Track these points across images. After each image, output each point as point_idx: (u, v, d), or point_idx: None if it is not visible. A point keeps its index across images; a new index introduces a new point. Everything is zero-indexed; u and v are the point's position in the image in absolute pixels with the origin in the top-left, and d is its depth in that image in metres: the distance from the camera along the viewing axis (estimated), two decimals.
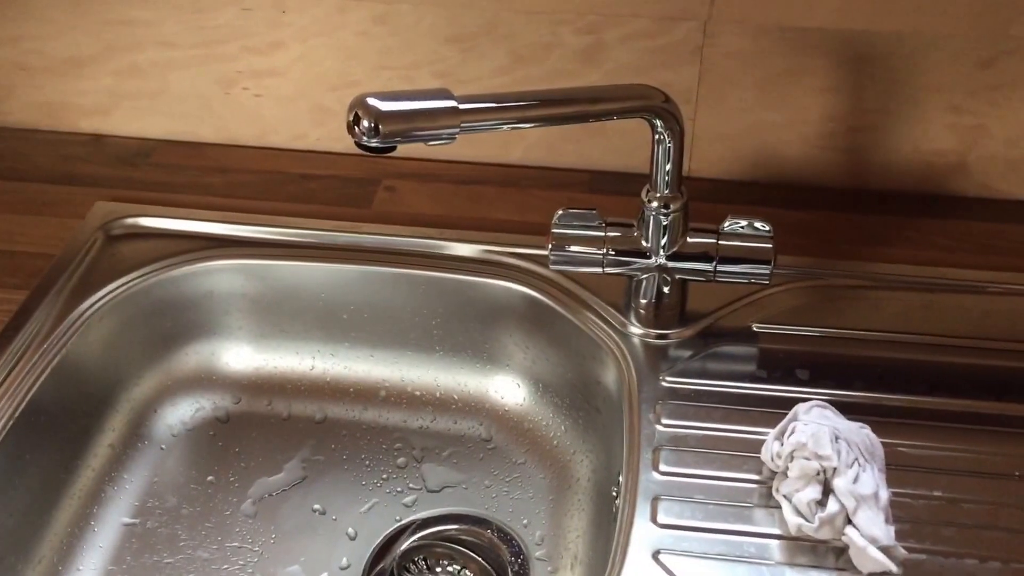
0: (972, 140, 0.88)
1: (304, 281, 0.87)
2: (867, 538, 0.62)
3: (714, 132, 0.91)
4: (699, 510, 0.67)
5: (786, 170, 0.92)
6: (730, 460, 0.70)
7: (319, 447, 0.86)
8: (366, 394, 0.89)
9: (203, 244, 0.87)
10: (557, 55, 0.88)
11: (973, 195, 0.91)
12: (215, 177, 0.94)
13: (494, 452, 0.86)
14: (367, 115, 0.64)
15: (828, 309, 0.81)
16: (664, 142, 0.72)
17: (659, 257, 0.76)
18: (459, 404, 0.88)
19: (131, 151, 0.98)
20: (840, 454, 0.64)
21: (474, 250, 0.86)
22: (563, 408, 0.85)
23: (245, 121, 0.96)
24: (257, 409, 0.89)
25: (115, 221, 0.89)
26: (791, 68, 0.86)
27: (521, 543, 0.80)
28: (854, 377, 0.76)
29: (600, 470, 0.80)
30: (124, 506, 0.82)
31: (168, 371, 0.88)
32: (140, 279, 0.85)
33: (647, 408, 0.74)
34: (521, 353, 0.86)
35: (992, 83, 0.84)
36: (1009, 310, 0.81)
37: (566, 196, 0.92)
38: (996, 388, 0.75)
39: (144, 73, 0.94)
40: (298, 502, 0.82)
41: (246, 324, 0.89)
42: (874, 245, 0.86)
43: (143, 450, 0.85)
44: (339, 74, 0.92)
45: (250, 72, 0.93)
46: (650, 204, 0.75)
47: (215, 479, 0.84)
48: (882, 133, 0.88)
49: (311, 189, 0.93)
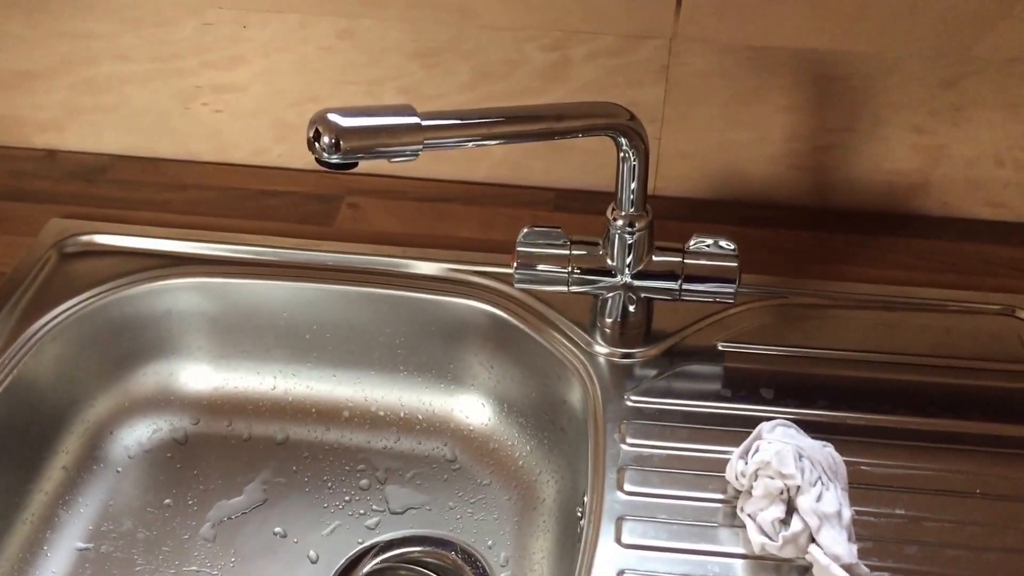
0: (934, 160, 0.89)
1: (265, 300, 0.85)
2: (830, 556, 0.62)
3: (680, 150, 0.91)
4: (663, 530, 0.67)
5: (751, 189, 0.92)
6: (695, 480, 0.70)
7: (280, 469, 0.85)
8: (329, 414, 0.87)
9: (161, 262, 0.86)
10: (522, 72, 0.88)
11: (935, 214, 0.92)
12: (173, 194, 0.93)
13: (459, 473, 0.85)
14: (328, 131, 0.63)
15: (792, 328, 0.81)
16: (629, 160, 0.72)
17: (624, 276, 0.76)
18: (423, 424, 0.87)
19: (87, 167, 0.96)
20: (804, 472, 0.64)
21: (438, 268, 0.85)
22: (528, 428, 0.84)
23: (204, 137, 0.95)
24: (217, 430, 0.87)
25: (70, 238, 0.87)
26: (756, 87, 0.86)
27: (485, 565, 0.79)
28: (818, 396, 0.76)
29: (565, 490, 0.80)
30: (78, 530, 0.80)
31: (125, 392, 0.86)
32: (96, 298, 0.83)
33: (612, 428, 0.73)
34: (486, 372, 0.85)
35: (954, 103, 0.85)
36: (971, 328, 0.82)
37: (531, 214, 0.91)
38: (958, 406, 0.75)
39: (101, 87, 0.93)
40: (258, 525, 0.81)
41: (206, 343, 0.87)
42: (838, 264, 0.87)
43: (98, 473, 0.83)
44: (301, 89, 0.91)
45: (210, 87, 0.92)
46: (615, 222, 0.74)
47: (173, 502, 0.82)
48: (845, 152, 0.89)
49: (272, 206, 0.92)
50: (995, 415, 0.75)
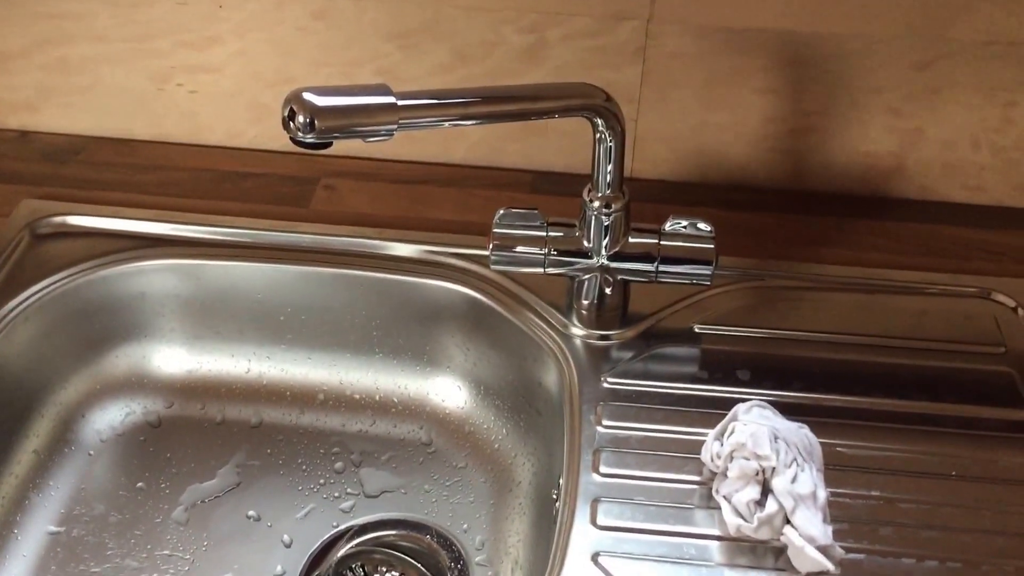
0: (910, 143, 0.89)
1: (239, 282, 0.85)
2: (805, 538, 0.62)
3: (657, 133, 0.90)
4: (639, 512, 0.67)
5: (728, 171, 0.92)
6: (671, 461, 0.70)
7: (254, 452, 0.84)
8: (303, 398, 0.87)
9: (134, 243, 0.85)
10: (499, 54, 0.87)
11: (912, 197, 0.92)
12: (147, 175, 0.92)
13: (434, 456, 0.84)
14: (303, 110, 0.62)
15: (769, 310, 0.81)
16: (605, 141, 0.72)
17: (601, 257, 0.76)
18: (399, 407, 0.86)
19: (60, 148, 0.95)
20: (779, 454, 0.64)
21: (414, 250, 0.85)
22: (504, 411, 0.84)
23: (179, 118, 0.94)
24: (190, 413, 0.86)
25: (42, 220, 0.86)
26: (733, 69, 0.86)
27: (461, 548, 0.78)
28: (794, 378, 0.76)
29: (541, 473, 0.79)
30: (49, 514, 0.79)
31: (97, 374, 0.86)
32: (68, 279, 0.82)
33: (588, 410, 0.73)
34: (462, 355, 0.85)
35: (930, 86, 0.85)
36: (946, 310, 0.82)
37: (508, 196, 0.91)
38: (933, 388, 0.75)
39: (74, 68, 0.92)
40: (232, 508, 0.80)
41: (179, 326, 0.87)
42: (814, 246, 0.87)
43: (70, 456, 0.82)
44: (277, 70, 0.90)
45: (185, 68, 0.91)
46: (591, 204, 0.74)
47: (145, 485, 0.81)
48: (822, 135, 0.89)
49: (247, 188, 0.91)
50: (971, 397, 0.75)
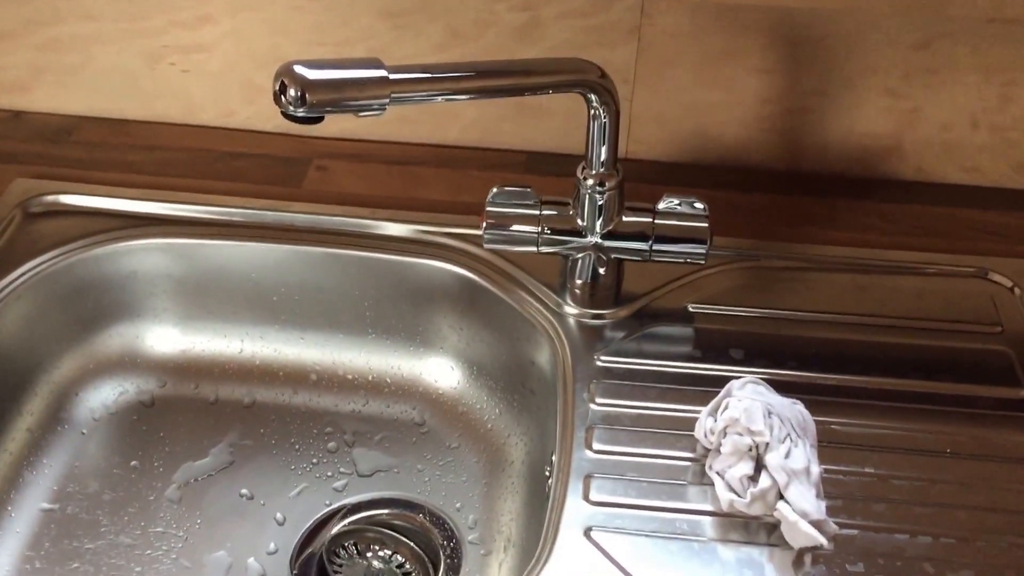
0: (907, 123, 0.88)
1: (232, 261, 0.84)
2: (798, 513, 0.62)
3: (652, 113, 0.90)
4: (632, 488, 0.66)
5: (724, 152, 0.92)
6: (664, 438, 0.70)
7: (247, 432, 0.84)
8: (296, 378, 0.87)
9: (127, 222, 0.85)
10: (493, 33, 0.87)
11: (908, 178, 0.91)
12: (140, 155, 0.91)
13: (427, 436, 0.84)
14: (293, 83, 0.62)
15: (764, 290, 0.81)
16: (599, 118, 0.71)
17: (594, 236, 0.75)
18: (392, 388, 0.86)
19: (52, 128, 0.94)
20: (772, 429, 0.64)
21: (407, 230, 0.84)
22: (498, 391, 0.83)
23: (172, 98, 0.93)
24: (183, 393, 0.86)
25: (34, 198, 0.86)
26: (729, 48, 0.85)
27: (453, 527, 0.78)
28: (788, 357, 0.75)
29: (535, 452, 0.79)
30: (43, 491, 0.79)
31: (90, 353, 0.85)
32: (60, 257, 0.82)
33: (581, 387, 0.73)
34: (455, 335, 0.85)
35: (928, 66, 0.85)
36: (943, 290, 0.81)
37: (502, 177, 0.89)
38: (929, 367, 0.75)
39: (66, 47, 0.91)
40: (225, 487, 0.80)
41: (172, 305, 0.86)
42: (810, 227, 0.86)
43: (63, 434, 0.82)
44: (270, 50, 0.90)
45: (177, 47, 0.90)
46: (585, 182, 0.74)
47: (139, 464, 0.81)
48: (818, 115, 0.88)
49: (240, 168, 0.91)
50: (966, 376, 0.75)
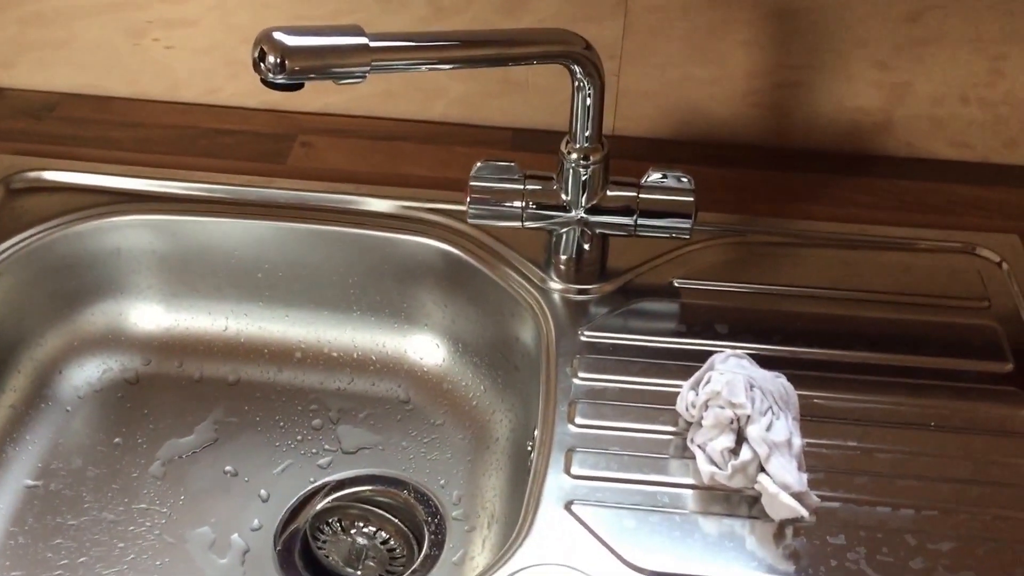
0: (898, 98, 0.88)
1: (216, 238, 0.84)
2: (780, 485, 0.61)
3: (639, 88, 0.89)
4: (614, 461, 0.66)
5: (712, 128, 0.91)
6: (646, 412, 0.69)
7: (232, 409, 0.83)
8: (281, 355, 0.86)
9: (110, 199, 0.84)
10: (478, 7, 0.86)
11: (898, 154, 0.91)
12: (123, 132, 0.91)
13: (412, 413, 0.84)
14: (273, 50, 0.62)
15: (749, 265, 0.80)
16: (584, 90, 0.70)
17: (579, 211, 0.75)
18: (377, 365, 0.86)
19: (35, 104, 0.94)
20: (754, 402, 0.63)
21: (391, 206, 0.84)
22: (482, 367, 0.83)
23: (155, 74, 0.93)
24: (168, 370, 0.85)
25: (17, 175, 0.86)
26: (716, 21, 0.85)
27: (438, 503, 0.78)
28: (773, 331, 0.75)
29: (519, 429, 0.79)
30: (26, 468, 0.79)
31: (74, 331, 0.85)
32: (43, 234, 0.82)
33: (564, 362, 0.72)
34: (440, 312, 0.84)
35: (919, 38, 0.84)
36: (931, 266, 0.81)
37: (488, 153, 0.88)
38: (915, 342, 0.75)
39: (49, 22, 0.91)
40: (209, 464, 0.80)
41: (156, 282, 0.86)
42: (797, 202, 0.86)
43: (47, 411, 0.82)
44: (254, 25, 0.86)
45: (161, 22, 0.90)
46: (569, 156, 0.73)
47: (123, 441, 0.81)
48: (807, 89, 0.88)
49: (224, 144, 0.90)
50: (953, 350, 0.74)
